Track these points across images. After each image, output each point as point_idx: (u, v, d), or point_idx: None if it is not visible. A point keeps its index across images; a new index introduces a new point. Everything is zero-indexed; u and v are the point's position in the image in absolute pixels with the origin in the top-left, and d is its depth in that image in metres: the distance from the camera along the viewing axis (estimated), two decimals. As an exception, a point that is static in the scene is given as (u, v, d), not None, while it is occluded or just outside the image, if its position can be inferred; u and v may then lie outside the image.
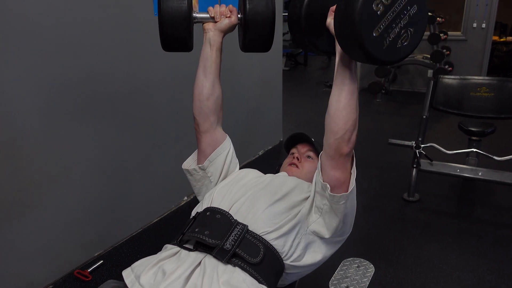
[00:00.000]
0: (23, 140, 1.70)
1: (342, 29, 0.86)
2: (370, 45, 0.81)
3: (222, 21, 1.20)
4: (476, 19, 5.70)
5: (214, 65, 1.24)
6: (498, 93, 2.64)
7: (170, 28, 1.11)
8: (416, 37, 0.87)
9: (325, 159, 1.07)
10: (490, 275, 1.99)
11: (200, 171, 1.30)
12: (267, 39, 1.17)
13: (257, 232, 1.06)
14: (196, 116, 1.27)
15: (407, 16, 0.84)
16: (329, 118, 1.04)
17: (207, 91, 1.24)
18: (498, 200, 2.80)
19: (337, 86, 1.01)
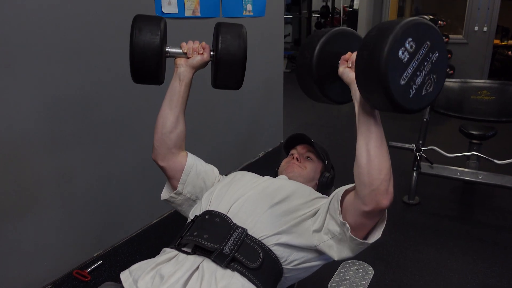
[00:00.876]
0: (24, 142, 1.70)
1: (366, 78, 0.82)
2: (398, 94, 0.78)
3: (194, 57, 1.21)
4: (478, 22, 5.70)
5: (181, 99, 1.23)
6: (499, 96, 2.64)
7: (141, 63, 1.11)
8: (439, 83, 0.85)
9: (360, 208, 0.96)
10: (490, 279, 1.98)
11: (178, 196, 1.29)
12: (238, 78, 1.18)
13: (256, 236, 1.05)
14: (157, 147, 1.25)
15: (429, 63, 0.82)
16: (360, 169, 0.93)
17: (171, 124, 1.23)
18: (499, 204, 2.79)
19: (362, 134, 0.93)
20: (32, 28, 1.65)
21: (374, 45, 0.78)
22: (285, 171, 1.38)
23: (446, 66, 0.86)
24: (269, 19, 3.28)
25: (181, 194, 1.28)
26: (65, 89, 1.81)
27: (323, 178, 1.40)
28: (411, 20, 0.78)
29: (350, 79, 0.96)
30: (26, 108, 1.68)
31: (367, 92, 0.85)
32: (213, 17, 2.61)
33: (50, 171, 1.82)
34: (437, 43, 0.82)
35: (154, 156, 1.27)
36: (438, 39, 0.82)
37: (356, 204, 0.96)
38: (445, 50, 0.85)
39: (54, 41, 1.73)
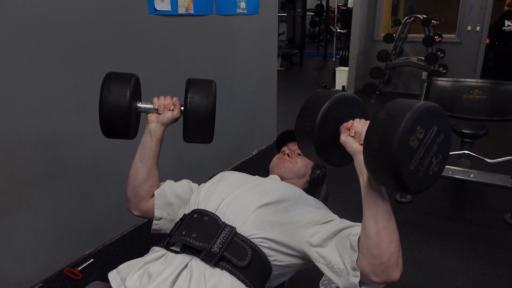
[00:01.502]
0: (15, 141, 1.68)
1: (376, 162, 0.81)
2: (407, 179, 0.79)
3: (165, 114, 1.21)
4: (471, 22, 5.74)
5: (153, 153, 1.24)
6: (490, 95, 2.66)
7: (110, 121, 1.13)
8: (444, 161, 0.86)
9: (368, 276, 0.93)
10: (481, 277, 2.00)
11: (160, 221, 1.29)
12: (207, 135, 1.21)
13: (245, 235, 1.05)
14: (130, 198, 1.27)
15: (436, 145, 0.83)
16: (369, 240, 0.90)
17: (142, 178, 1.24)
18: (490, 202, 2.82)
19: (369, 208, 0.91)
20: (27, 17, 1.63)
21: (384, 131, 0.78)
22: (276, 167, 1.38)
23: (450, 144, 0.87)
24: (263, 17, 3.28)
25: (161, 219, 1.28)
26: (58, 87, 1.80)
27: (314, 175, 1.41)
28: (420, 107, 0.79)
29: (354, 149, 0.93)
30: (19, 106, 1.66)
31: (376, 174, 0.84)
32: (206, 14, 2.60)
33: (42, 169, 1.81)
34: (443, 125, 0.84)
35: (128, 207, 1.30)
36: (444, 121, 0.84)
37: (365, 271, 0.92)
38: (450, 130, 0.86)
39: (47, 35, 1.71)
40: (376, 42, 6.45)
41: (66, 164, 1.91)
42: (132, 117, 1.17)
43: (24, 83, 1.67)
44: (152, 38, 2.24)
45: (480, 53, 5.79)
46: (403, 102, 0.82)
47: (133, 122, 1.18)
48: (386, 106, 0.83)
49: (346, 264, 0.96)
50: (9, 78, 1.62)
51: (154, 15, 2.21)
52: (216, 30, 2.75)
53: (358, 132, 0.92)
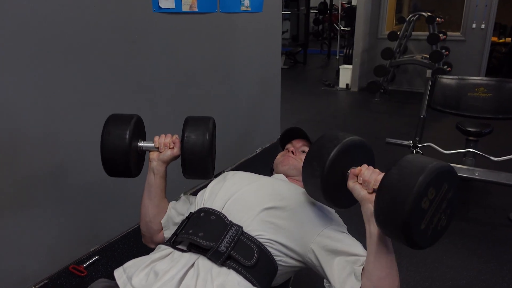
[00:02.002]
0: (21, 136, 1.69)
1: (387, 221, 0.83)
2: (417, 238, 0.81)
3: (165, 152, 1.24)
4: (476, 19, 5.70)
5: (159, 190, 1.28)
6: (496, 93, 2.64)
7: (111, 162, 1.18)
8: (452, 215, 0.88)
9: None
10: (484, 275, 2.00)
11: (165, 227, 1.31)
12: (205, 171, 1.22)
13: (251, 234, 1.05)
14: (144, 233, 1.32)
15: (445, 201, 0.85)
16: (371, 284, 0.92)
17: (152, 213, 1.27)
18: (494, 201, 2.80)
19: (372, 254, 0.93)
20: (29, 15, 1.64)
21: (397, 192, 0.80)
22: (280, 164, 1.38)
23: (458, 197, 0.88)
24: (267, 15, 3.27)
25: (163, 227, 1.31)
26: (61, 85, 1.80)
27: None
28: (433, 170, 0.80)
29: (361, 197, 0.94)
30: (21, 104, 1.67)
31: (386, 229, 0.86)
32: (210, 12, 2.60)
33: (46, 166, 1.81)
34: (453, 183, 0.85)
35: (144, 241, 1.33)
36: (453, 178, 0.85)
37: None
38: (457, 185, 0.87)
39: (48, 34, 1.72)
40: (380, 40, 6.42)
41: (70, 162, 1.92)
42: (133, 157, 1.21)
43: (27, 82, 1.68)
44: (156, 36, 2.24)
45: (485, 51, 5.75)
46: (416, 162, 0.83)
47: (134, 161, 1.22)
48: (399, 164, 0.85)
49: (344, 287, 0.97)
50: (11, 78, 1.63)
51: (158, 13, 2.21)
52: (220, 28, 2.75)
53: (367, 181, 0.93)
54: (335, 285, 0.99)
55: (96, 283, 1.02)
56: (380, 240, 0.91)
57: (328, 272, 1.03)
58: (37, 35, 1.68)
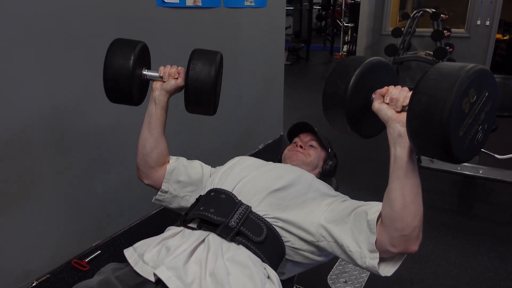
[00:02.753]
0: (25, 132, 1.69)
1: (423, 125, 0.75)
2: (455, 145, 0.74)
3: (169, 82, 1.22)
4: (480, 16, 5.66)
5: (158, 122, 1.25)
6: (500, 91, 2.61)
7: (113, 83, 1.15)
8: (488, 131, 0.82)
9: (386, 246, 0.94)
10: (489, 273, 1.99)
11: (165, 194, 1.30)
12: (207, 105, 1.20)
13: (260, 214, 1.07)
14: (140, 166, 1.29)
15: (484, 113, 0.79)
16: (394, 213, 0.90)
17: (150, 146, 1.25)
18: (499, 198, 2.79)
19: (399, 179, 0.89)
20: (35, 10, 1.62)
21: (436, 92, 0.73)
22: (288, 159, 1.38)
23: (495, 114, 0.83)
24: (271, 10, 3.25)
25: (167, 192, 1.30)
26: (65, 81, 1.79)
27: (326, 166, 1.41)
28: (474, 67, 0.75)
29: (389, 117, 0.88)
30: (27, 102, 1.66)
31: (419, 139, 0.79)
32: (214, 7, 2.58)
33: (50, 160, 1.81)
34: (493, 92, 0.80)
35: (139, 176, 1.31)
36: (494, 87, 0.80)
37: (382, 240, 0.93)
38: (497, 100, 0.81)
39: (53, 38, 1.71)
40: (384, 36, 6.38)
41: (74, 156, 1.92)
42: (136, 83, 1.18)
43: (31, 77, 1.67)
44: (159, 30, 2.23)
45: (490, 48, 5.71)
46: (454, 64, 0.77)
47: (136, 87, 1.19)
48: (435, 67, 0.79)
49: (362, 246, 0.96)
50: (16, 73, 1.62)
51: (162, 7, 2.19)
52: (223, 23, 2.74)
53: (395, 99, 0.88)
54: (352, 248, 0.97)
55: (106, 267, 1.02)
56: (406, 162, 0.87)
57: (343, 240, 1.00)
58: (42, 27, 1.67)
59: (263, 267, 0.99)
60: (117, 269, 0.99)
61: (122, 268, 0.99)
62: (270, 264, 1.01)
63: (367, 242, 0.95)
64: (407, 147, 0.86)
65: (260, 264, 0.98)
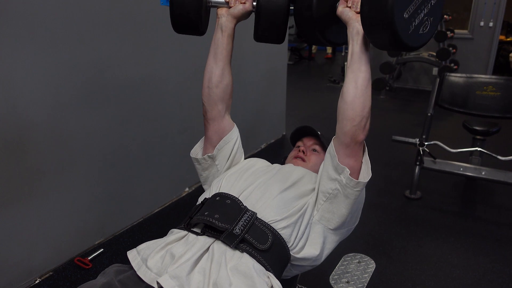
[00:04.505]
0: (29, 129, 1.69)
1: (371, 9, 0.87)
2: (400, 26, 0.84)
3: (236, 6, 1.18)
4: (484, 17, 5.65)
5: (225, 51, 1.22)
6: (504, 92, 2.62)
7: (181, 10, 1.11)
8: (434, 26, 0.93)
9: (339, 147, 1.07)
10: (491, 275, 1.98)
11: (209, 159, 1.29)
12: (280, 29, 1.15)
13: (265, 220, 1.06)
14: (204, 102, 1.25)
15: (429, 5, 0.89)
16: (346, 105, 1.03)
17: (216, 78, 1.22)
18: (501, 200, 2.79)
19: (353, 72, 1.02)
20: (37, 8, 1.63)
21: None
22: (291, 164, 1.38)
23: (441, 12, 0.95)
24: (274, 10, 3.25)
25: (212, 159, 1.28)
26: (68, 78, 1.80)
27: None
28: None
29: (349, 17, 1.01)
30: (29, 97, 1.67)
31: (370, 24, 0.90)
32: (218, 6, 2.58)
33: (53, 158, 1.81)
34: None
35: (204, 112, 1.28)
36: None
37: (337, 146, 1.07)
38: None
39: (58, 27, 1.71)
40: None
41: (77, 155, 1.92)
42: (203, 10, 1.15)
43: (34, 72, 1.67)
44: (163, 29, 2.22)
45: (493, 50, 5.70)
46: None
47: (203, 15, 1.16)
48: None
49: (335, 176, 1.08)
50: (20, 68, 1.62)
51: (166, 6, 2.19)
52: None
53: (356, 1, 1.00)
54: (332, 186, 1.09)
55: (109, 268, 1.02)
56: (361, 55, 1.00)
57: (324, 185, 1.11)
58: (46, 25, 1.67)
59: (267, 275, 0.97)
60: (120, 272, 0.99)
61: (125, 271, 0.99)
62: (274, 272, 1.00)
63: (334, 167, 1.07)
64: (363, 43, 1.00)
65: (263, 273, 0.97)
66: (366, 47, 1.01)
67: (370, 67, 1.02)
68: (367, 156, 1.11)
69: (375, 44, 0.97)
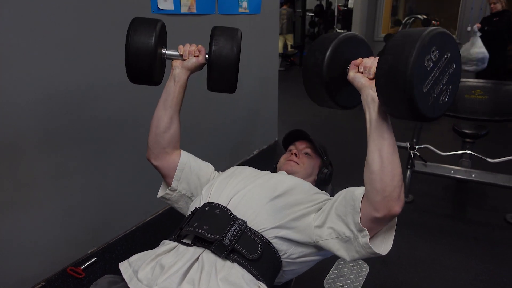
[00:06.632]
0: (20, 138, 1.68)
1: (389, 82, 0.81)
2: (420, 101, 0.79)
3: (190, 59, 1.23)
4: (471, 22, 5.74)
5: (176, 100, 1.25)
6: (492, 96, 2.66)
7: (135, 63, 1.14)
8: (452, 94, 0.88)
9: (368, 214, 0.96)
10: (483, 276, 2.00)
11: (173, 192, 1.29)
12: (231, 81, 1.20)
13: (256, 229, 1.05)
14: (150, 146, 1.26)
15: (447, 74, 0.85)
16: (373, 175, 0.93)
17: (164, 125, 1.24)
18: (491, 202, 2.82)
19: (374, 141, 0.93)
20: (29, 24, 1.63)
21: (400, 49, 0.79)
22: (283, 168, 1.38)
23: (459, 79, 0.89)
24: (265, 17, 3.28)
25: (175, 191, 1.29)
26: (61, 86, 1.79)
27: (321, 174, 1.41)
28: (436, 29, 0.80)
29: (362, 84, 0.95)
30: (22, 105, 1.66)
31: (387, 96, 0.84)
32: (209, 14, 2.60)
33: (46, 168, 1.81)
34: (455, 55, 0.85)
35: (148, 156, 1.28)
36: (456, 51, 0.85)
37: (366, 210, 0.96)
38: (460, 64, 0.87)
39: (50, 37, 1.71)
40: (376, 42, 6.45)
41: (70, 163, 1.91)
42: (157, 62, 1.17)
43: (27, 80, 1.67)
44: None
45: (480, 54, 5.78)
46: (417, 29, 0.83)
47: (157, 66, 1.19)
48: (400, 32, 0.84)
49: (351, 228, 0.99)
50: (12, 75, 1.62)
51: (157, 14, 2.21)
52: (218, 30, 2.75)
53: (368, 67, 0.94)
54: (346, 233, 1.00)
55: (102, 279, 1.01)
56: (381, 122, 0.92)
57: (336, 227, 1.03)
58: (35, 32, 1.67)
59: (257, 285, 0.98)
60: (112, 283, 0.99)
61: (117, 282, 0.99)
62: (265, 280, 1.00)
63: (353, 222, 0.98)
64: (380, 110, 0.92)
65: (254, 283, 0.97)
66: (385, 113, 0.92)
67: (392, 132, 0.93)
68: (394, 225, 1.02)
69: (392, 115, 0.90)
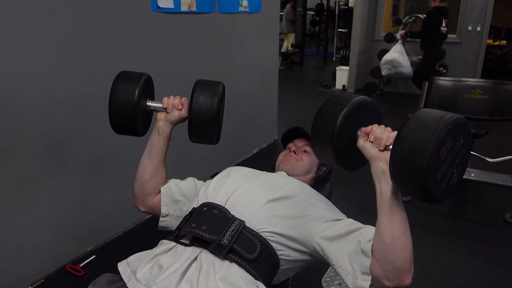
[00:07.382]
0: (19, 137, 1.69)
1: (404, 169, 0.81)
2: (433, 188, 0.80)
3: (173, 113, 1.24)
4: (471, 22, 5.74)
5: (160, 151, 1.27)
6: (492, 95, 2.66)
7: (118, 118, 1.18)
8: (462, 173, 0.88)
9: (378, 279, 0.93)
10: (481, 275, 2.01)
11: (166, 217, 1.30)
12: (211, 135, 1.23)
13: (254, 229, 1.05)
14: (136, 194, 1.30)
15: (459, 157, 0.85)
16: (384, 246, 0.90)
17: (149, 174, 1.27)
18: (490, 201, 2.82)
19: (385, 214, 0.91)
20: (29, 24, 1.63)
21: (416, 139, 0.79)
22: (282, 164, 1.38)
23: (469, 157, 0.89)
24: (265, 16, 3.28)
25: (168, 215, 1.30)
26: (61, 85, 1.80)
27: (320, 172, 1.41)
28: (451, 118, 0.80)
29: (372, 155, 0.93)
30: (22, 105, 1.66)
31: (401, 180, 0.84)
32: (209, 12, 2.60)
33: (44, 165, 1.81)
34: (467, 138, 0.85)
35: (135, 202, 1.32)
36: (468, 134, 0.86)
37: (377, 275, 0.93)
38: (471, 144, 0.87)
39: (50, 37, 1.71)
40: (376, 41, 6.44)
41: (69, 161, 1.92)
42: (140, 115, 1.20)
43: (26, 79, 1.67)
44: (154, 35, 2.24)
45: (481, 54, 5.79)
46: (434, 112, 0.83)
47: (141, 119, 1.22)
48: (416, 115, 0.84)
49: (354, 267, 0.96)
50: (12, 74, 1.62)
51: (156, 12, 2.21)
52: (218, 28, 2.76)
53: (379, 138, 0.92)
54: (346, 268, 0.98)
55: (100, 278, 1.02)
56: (391, 197, 0.89)
57: (338, 259, 1.01)
58: (35, 33, 1.67)
59: (256, 285, 0.98)
60: (111, 282, 0.99)
61: (116, 282, 1.00)
62: (263, 280, 1.01)
63: (361, 264, 0.95)
64: (390, 183, 0.89)
65: (252, 283, 0.97)
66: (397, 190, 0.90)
67: (403, 206, 0.91)
68: None
69: (403, 194, 0.90)
